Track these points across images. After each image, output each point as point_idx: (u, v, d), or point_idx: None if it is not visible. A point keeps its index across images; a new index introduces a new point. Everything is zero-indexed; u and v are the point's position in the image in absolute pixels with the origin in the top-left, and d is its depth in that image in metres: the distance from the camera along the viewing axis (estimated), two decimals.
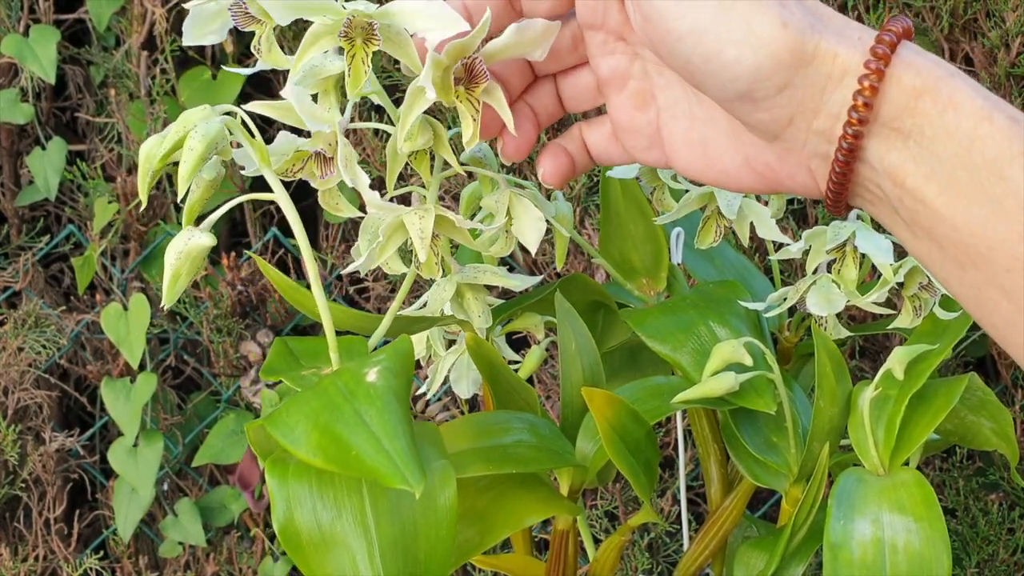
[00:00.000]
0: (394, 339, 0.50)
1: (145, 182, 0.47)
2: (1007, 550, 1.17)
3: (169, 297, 0.48)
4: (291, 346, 0.52)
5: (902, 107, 0.43)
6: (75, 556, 1.33)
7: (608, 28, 0.48)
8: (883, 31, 0.43)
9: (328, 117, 0.49)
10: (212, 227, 0.48)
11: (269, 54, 0.49)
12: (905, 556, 0.54)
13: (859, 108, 0.43)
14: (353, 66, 0.47)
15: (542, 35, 0.47)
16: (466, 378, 0.65)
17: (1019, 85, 1.11)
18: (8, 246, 1.39)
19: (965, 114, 0.42)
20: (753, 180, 0.48)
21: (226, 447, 1.31)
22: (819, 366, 0.58)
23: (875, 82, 0.42)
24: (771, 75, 0.43)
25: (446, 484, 0.47)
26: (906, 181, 0.43)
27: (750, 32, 0.43)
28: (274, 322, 1.32)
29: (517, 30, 0.46)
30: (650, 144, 0.50)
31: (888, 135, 0.43)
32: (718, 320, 0.64)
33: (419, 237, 0.50)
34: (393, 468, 0.42)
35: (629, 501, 1.24)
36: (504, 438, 0.57)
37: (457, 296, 0.57)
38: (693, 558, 0.66)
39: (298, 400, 0.46)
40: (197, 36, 0.49)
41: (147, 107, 1.32)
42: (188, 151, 0.46)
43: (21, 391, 1.31)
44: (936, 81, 0.43)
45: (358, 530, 0.46)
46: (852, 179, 0.45)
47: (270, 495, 0.46)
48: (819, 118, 0.44)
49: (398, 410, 0.44)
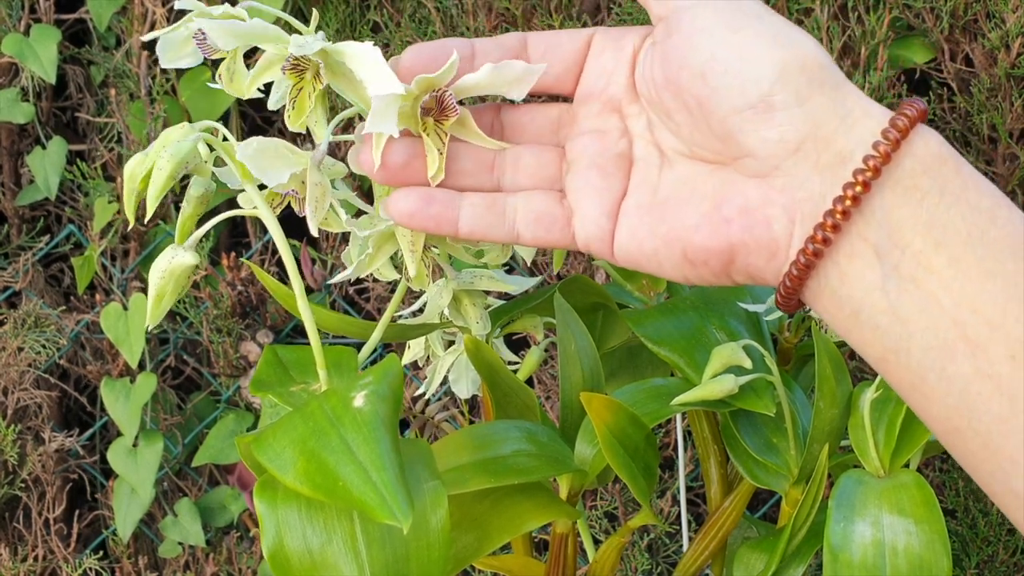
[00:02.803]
0: (394, 338, 0.49)
1: (131, 201, 0.46)
2: (1007, 551, 1.17)
3: (154, 316, 0.47)
4: (281, 356, 0.51)
5: (925, 166, 0.41)
6: (75, 556, 1.33)
7: (607, 96, 0.47)
8: (910, 102, 0.42)
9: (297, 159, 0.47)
10: (212, 227, 0.48)
11: (231, 83, 0.48)
12: (905, 558, 0.54)
13: (891, 141, 0.40)
14: (299, 99, 0.45)
15: (521, 76, 0.46)
16: (465, 378, 0.65)
17: (1019, 86, 1.11)
18: (8, 246, 1.39)
19: (985, 193, 0.41)
20: (712, 234, 0.43)
21: (226, 447, 1.30)
22: (819, 367, 0.58)
23: (907, 126, 0.41)
24: (796, 79, 0.42)
25: (437, 505, 0.46)
26: (912, 244, 0.40)
27: (784, 33, 0.42)
28: (274, 322, 1.32)
29: (494, 69, 0.45)
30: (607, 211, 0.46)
31: (904, 191, 0.41)
32: (718, 321, 0.63)
33: (409, 250, 0.49)
34: (381, 501, 0.42)
35: (629, 502, 1.24)
36: (502, 448, 0.57)
37: (454, 302, 0.57)
38: (693, 559, 0.66)
39: (285, 424, 0.45)
40: (171, 60, 0.48)
41: (147, 107, 1.32)
42: (156, 171, 0.45)
43: (21, 391, 1.31)
44: (957, 159, 0.41)
45: (349, 555, 0.45)
46: (845, 232, 0.41)
47: (259, 520, 0.45)
48: (830, 151, 0.42)
49: (386, 438, 0.43)
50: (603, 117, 0.47)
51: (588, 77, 0.47)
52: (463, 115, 0.47)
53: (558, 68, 0.47)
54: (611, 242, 0.46)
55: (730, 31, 0.43)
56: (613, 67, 0.47)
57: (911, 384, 0.41)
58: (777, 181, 0.42)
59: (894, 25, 1.13)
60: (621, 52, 0.47)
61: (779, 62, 0.42)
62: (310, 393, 0.49)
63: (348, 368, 0.49)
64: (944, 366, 0.40)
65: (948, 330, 0.40)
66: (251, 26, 0.45)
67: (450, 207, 0.46)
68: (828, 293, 0.42)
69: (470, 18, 1.22)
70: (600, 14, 1.22)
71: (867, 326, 0.42)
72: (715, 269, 0.44)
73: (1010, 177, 1.13)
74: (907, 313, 0.41)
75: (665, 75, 0.44)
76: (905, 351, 0.41)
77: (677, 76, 0.44)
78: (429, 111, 0.46)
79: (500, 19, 1.22)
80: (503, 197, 0.47)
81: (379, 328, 0.53)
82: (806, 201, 0.42)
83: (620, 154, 0.47)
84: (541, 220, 0.47)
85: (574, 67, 0.48)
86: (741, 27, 0.43)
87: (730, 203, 0.43)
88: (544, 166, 0.48)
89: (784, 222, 0.42)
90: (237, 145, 0.46)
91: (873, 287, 0.41)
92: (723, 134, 0.43)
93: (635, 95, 0.47)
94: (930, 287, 0.40)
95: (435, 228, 0.47)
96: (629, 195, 0.46)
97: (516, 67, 0.46)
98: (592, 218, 0.46)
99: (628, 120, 0.47)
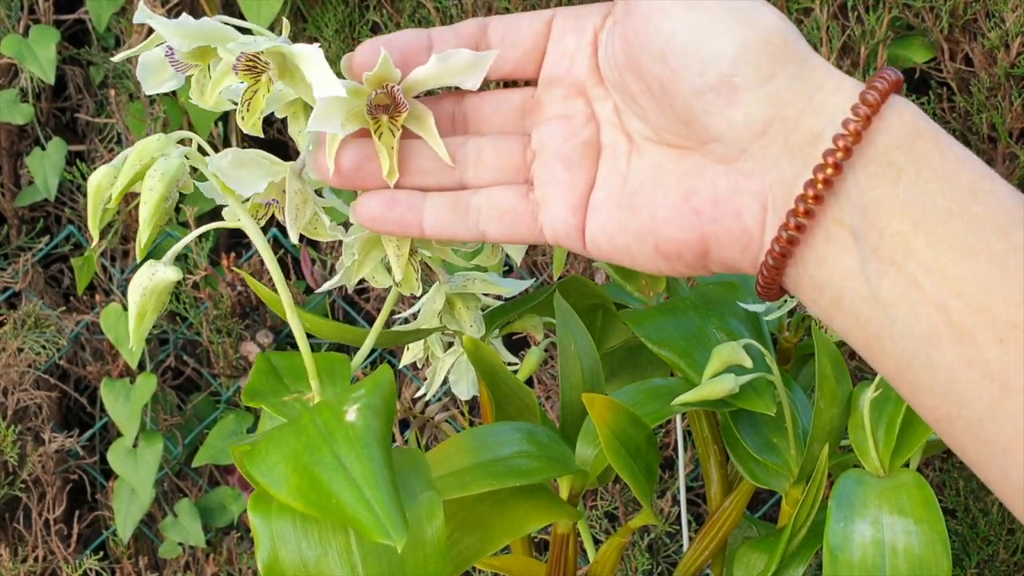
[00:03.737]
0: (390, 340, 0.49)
1: (96, 218, 0.44)
2: (1007, 550, 1.17)
3: (137, 337, 0.45)
4: (274, 363, 0.51)
5: (900, 141, 0.38)
6: (75, 557, 1.33)
7: (570, 80, 0.46)
8: (881, 73, 0.40)
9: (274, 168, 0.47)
10: (185, 245, 0.46)
11: (201, 96, 0.47)
12: (905, 558, 0.54)
13: (861, 117, 0.38)
14: (253, 101, 0.44)
15: (471, 63, 0.45)
16: (465, 379, 0.65)
17: (1019, 85, 1.11)
18: (8, 247, 1.39)
19: (966, 166, 0.38)
20: (682, 227, 0.42)
21: (226, 448, 1.31)
22: (819, 367, 0.58)
23: (878, 100, 0.38)
24: (757, 57, 0.39)
25: (433, 516, 0.46)
26: (890, 225, 0.38)
27: (743, 9, 0.40)
28: (274, 323, 1.32)
29: (440, 60, 0.44)
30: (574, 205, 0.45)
31: (878, 169, 0.38)
32: (718, 321, 0.63)
33: (395, 255, 0.48)
34: (374, 520, 0.41)
35: (629, 502, 1.24)
36: (503, 450, 0.57)
37: (448, 306, 0.56)
38: (693, 559, 0.66)
39: (277, 438, 0.45)
40: (154, 85, 0.47)
41: (147, 107, 1.32)
42: (148, 191, 0.44)
43: (21, 392, 1.31)
44: (935, 131, 0.39)
45: (344, 568, 0.45)
46: (819, 216, 0.39)
47: (253, 532, 0.45)
48: (799, 131, 0.39)
49: (378, 454, 0.43)
50: (568, 102, 0.46)
51: (550, 61, 0.46)
52: (422, 112, 0.45)
53: (518, 53, 0.46)
54: (581, 237, 0.45)
55: (687, 9, 0.41)
56: (575, 49, 0.45)
57: (897, 372, 0.40)
58: (745, 166, 0.41)
59: (894, 25, 1.13)
60: (583, 34, 0.45)
61: (739, 40, 0.40)
62: (303, 403, 0.49)
63: (341, 376, 0.49)
64: (929, 353, 0.38)
65: (931, 315, 0.38)
66: (202, 24, 0.44)
67: (413, 209, 0.45)
68: (807, 280, 0.41)
69: (469, 18, 1.22)
70: None
71: (849, 313, 0.40)
72: (689, 261, 0.43)
73: (1010, 177, 1.13)
74: (888, 298, 0.38)
75: (627, 57, 0.43)
76: (888, 338, 0.39)
77: (638, 58, 0.42)
78: (384, 108, 0.45)
79: None
80: (467, 195, 0.46)
81: (371, 336, 0.53)
82: (777, 185, 0.40)
83: (586, 142, 0.45)
84: (505, 217, 0.46)
85: (534, 51, 0.46)
86: (698, 4, 0.41)
87: (699, 194, 0.42)
88: (507, 157, 0.46)
89: (755, 210, 0.41)
90: (210, 157, 0.45)
91: (852, 272, 0.39)
92: (688, 118, 0.41)
93: (599, 78, 0.45)
94: (910, 270, 0.38)
95: (400, 231, 0.46)
96: (598, 187, 0.45)
97: (463, 55, 0.45)
98: (559, 214, 0.45)
99: (594, 104, 0.45)
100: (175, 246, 0.46)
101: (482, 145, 0.47)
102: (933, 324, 0.38)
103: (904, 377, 0.39)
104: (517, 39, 0.46)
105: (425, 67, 0.45)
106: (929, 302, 0.38)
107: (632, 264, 0.44)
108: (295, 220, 0.47)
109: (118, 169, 0.45)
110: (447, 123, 0.47)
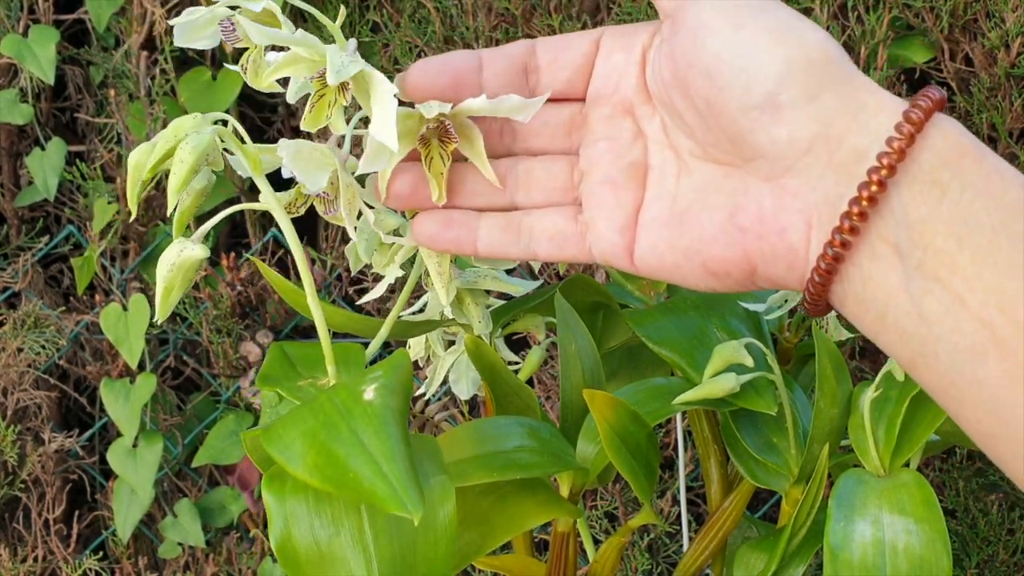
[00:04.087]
0: (394, 340, 0.50)
1: (135, 192, 0.46)
2: (1007, 551, 1.17)
3: (163, 311, 0.47)
4: (287, 351, 0.51)
5: (944, 159, 0.39)
6: (74, 557, 1.33)
7: (618, 98, 0.46)
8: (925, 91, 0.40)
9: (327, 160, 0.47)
10: (211, 227, 0.47)
11: (255, 77, 0.48)
12: (905, 557, 0.54)
13: (905, 136, 0.38)
14: (319, 105, 0.46)
15: (519, 107, 0.46)
16: (465, 378, 0.65)
17: (1019, 85, 1.11)
18: (7, 247, 1.39)
19: (1011, 183, 0.38)
20: (728, 245, 0.43)
21: (226, 448, 1.31)
22: (819, 367, 0.58)
23: (922, 118, 0.39)
24: (803, 75, 0.40)
25: (445, 500, 0.46)
26: (934, 242, 0.38)
27: (789, 27, 0.41)
28: (274, 323, 1.32)
29: (491, 102, 0.45)
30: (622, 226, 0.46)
31: (922, 187, 0.39)
32: (719, 321, 0.63)
33: (437, 272, 0.50)
34: (391, 492, 0.42)
35: (629, 502, 1.24)
36: (505, 444, 0.57)
37: (457, 301, 0.57)
38: (693, 559, 0.66)
39: (294, 416, 0.45)
40: (188, 40, 0.48)
41: (147, 108, 1.32)
42: (179, 163, 0.45)
43: (20, 392, 1.31)
44: (979, 149, 0.39)
45: (356, 547, 0.45)
46: (863, 233, 0.40)
47: (267, 511, 0.45)
48: (843, 149, 0.40)
49: (396, 431, 0.43)
50: (615, 121, 0.46)
51: (598, 79, 0.47)
52: (472, 134, 0.47)
53: (567, 73, 0.47)
54: (629, 256, 0.46)
55: (733, 27, 0.41)
56: (624, 67, 0.46)
57: (942, 388, 0.40)
58: (790, 183, 0.41)
59: (894, 25, 1.13)
60: (631, 52, 0.46)
61: (785, 58, 0.40)
62: (318, 387, 0.49)
63: (356, 364, 0.50)
64: (974, 370, 0.38)
65: (976, 332, 0.38)
66: (292, 38, 0.45)
67: (468, 229, 0.47)
68: (852, 297, 0.41)
69: (469, 18, 1.22)
70: (600, 14, 1.22)
71: (893, 329, 0.40)
72: (738, 279, 0.43)
73: None
74: (932, 315, 0.39)
75: (673, 74, 0.43)
76: (933, 354, 0.39)
77: (685, 76, 0.43)
78: (435, 131, 0.46)
79: (500, 19, 1.22)
80: (519, 217, 0.47)
81: (387, 323, 0.53)
82: (821, 203, 0.40)
83: (634, 163, 0.46)
84: (555, 238, 0.47)
85: (583, 70, 0.47)
86: (744, 23, 0.41)
87: (744, 211, 0.42)
88: (556, 178, 0.47)
89: (800, 228, 0.41)
90: (279, 144, 0.47)
91: (897, 289, 0.39)
92: (733, 135, 0.42)
93: (647, 96, 0.46)
94: (955, 287, 0.38)
95: (456, 249, 0.48)
96: (646, 207, 0.45)
97: (513, 100, 0.46)
98: (607, 235, 0.46)
99: (641, 122, 0.46)
100: (204, 226, 0.47)
101: (532, 167, 0.48)
102: (978, 340, 0.38)
103: (949, 393, 0.40)
104: (567, 60, 0.47)
105: (477, 101, 0.46)
106: (974, 318, 0.38)
107: (682, 282, 0.45)
108: (350, 213, 0.48)
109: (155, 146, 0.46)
110: (495, 136, 0.48)
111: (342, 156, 0.48)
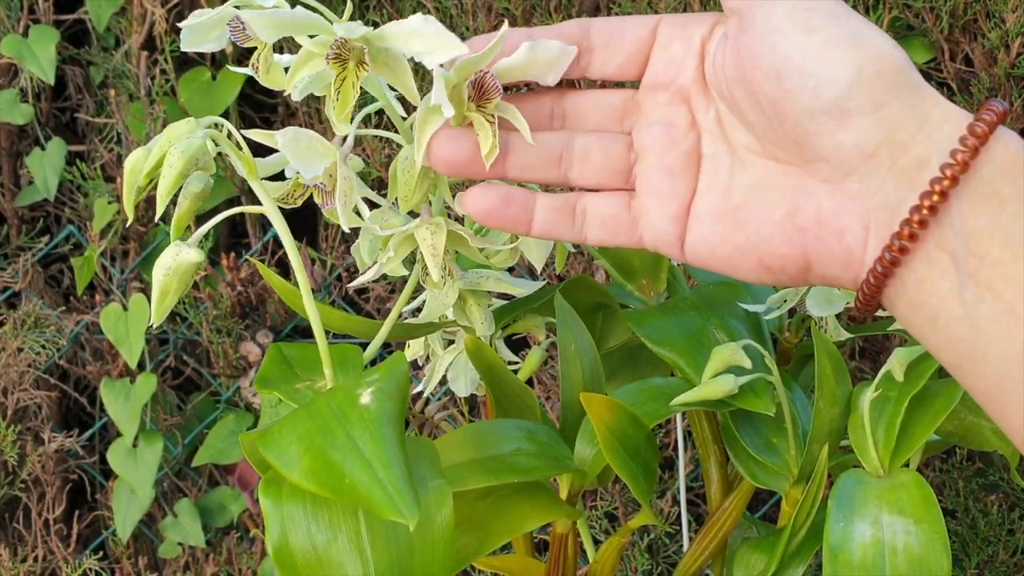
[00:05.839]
0: (394, 341, 0.49)
1: (131, 198, 0.46)
2: (1007, 551, 1.17)
3: (158, 314, 0.46)
4: (286, 353, 0.51)
5: (1004, 172, 0.40)
6: (74, 557, 1.33)
7: (676, 87, 0.46)
8: (989, 105, 0.41)
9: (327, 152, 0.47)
10: (211, 227, 0.47)
11: (267, 75, 0.48)
12: (905, 557, 0.54)
13: (969, 148, 0.39)
14: (343, 90, 0.45)
15: (557, 57, 0.46)
16: (464, 376, 0.65)
17: (1019, 86, 1.11)
18: (8, 246, 1.39)
19: None
20: (787, 243, 0.43)
21: (226, 448, 1.31)
22: (819, 367, 0.58)
23: (986, 131, 0.39)
24: (872, 83, 0.41)
25: (442, 503, 0.46)
26: (990, 252, 0.39)
27: (860, 35, 0.41)
28: (274, 323, 1.32)
29: (531, 48, 0.45)
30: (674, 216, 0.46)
31: (982, 198, 0.40)
32: (718, 321, 0.63)
33: (431, 254, 0.49)
34: (387, 498, 0.42)
35: (629, 502, 1.24)
36: (503, 447, 0.57)
37: (459, 302, 0.57)
38: (693, 559, 0.66)
39: (291, 420, 0.45)
40: (195, 43, 0.48)
41: (147, 108, 1.32)
42: (167, 167, 0.45)
43: (20, 391, 1.31)
44: None
45: (353, 552, 0.45)
46: (921, 240, 0.40)
47: (264, 516, 0.45)
48: (907, 157, 0.41)
49: (392, 436, 0.43)
50: (671, 108, 0.47)
51: (655, 66, 0.47)
52: (507, 107, 0.46)
53: (621, 57, 0.47)
54: (680, 246, 0.46)
55: (805, 32, 0.41)
56: (683, 58, 0.46)
57: (987, 392, 0.41)
58: (851, 187, 0.42)
59: (894, 25, 1.13)
60: (690, 42, 0.46)
61: (855, 65, 0.41)
62: (316, 390, 0.49)
63: (354, 366, 0.49)
64: (1021, 376, 0.39)
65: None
66: (294, 14, 0.45)
67: (526, 208, 0.47)
68: (904, 300, 0.42)
69: (469, 18, 1.22)
70: (600, 15, 1.22)
71: (943, 333, 0.41)
72: (792, 274, 0.44)
73: None
74: (983, 322, 0.40)
75: (737, 72, 0.44)
76: (981, 359, 0.40)
77: (751, 76, 0.43)
78: (470, 97, 0.45)
79: (500, 19, 1.22)
80: (574, 199, 0.47)
81: (386, 325, 0.53)
82: (880, 208, 0.41)
83: (688, 151, 0.46)
84: (607, 224, 0.47)
85: (638, 55, 0.47)
86: (816, 28, 0.41)
87: (803, 211, 0.43)
88: (612, 158, 0.47)
89: (858, 230, 0.42)
90: (276, 133, 0.46)
91: (949, 295, 0.40)
92: (797, 137, 0.42)
93: (704, 86, 0.46)
94: (1008, 298, 0.39)
95: (511, 228, 0.47)
96: (700, 197, 0.46)
97: (553, 46, 0.45)
98: (659, 224, 0.46)
99: (696, 112, 0.46)
100: (201, 228, 0.47)
101: (589, 143, 0.48)
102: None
103: (994, 397, 0.41)
104: (622, 43, 0.47)
105: (514, 57, 0.45)
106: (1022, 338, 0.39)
107: (733, 274, 0.46)
108: (345, 206, 0.47)
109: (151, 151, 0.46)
110: (546, 118, 0.48)
111: (344, 151, 0.48)
